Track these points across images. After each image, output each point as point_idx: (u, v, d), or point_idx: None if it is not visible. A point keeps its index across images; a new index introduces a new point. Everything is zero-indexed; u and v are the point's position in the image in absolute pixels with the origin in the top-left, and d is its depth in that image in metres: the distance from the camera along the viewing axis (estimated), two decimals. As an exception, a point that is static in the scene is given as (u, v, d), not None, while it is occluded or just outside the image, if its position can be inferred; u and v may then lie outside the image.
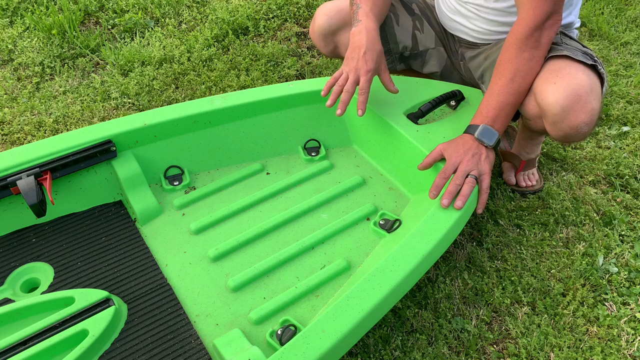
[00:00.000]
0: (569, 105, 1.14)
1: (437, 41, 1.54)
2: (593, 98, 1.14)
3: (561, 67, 1.17)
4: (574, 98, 1.13)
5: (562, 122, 1.17)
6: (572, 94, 1.13)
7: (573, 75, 1.15)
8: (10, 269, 1.11)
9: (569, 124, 1.16)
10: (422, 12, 1.54)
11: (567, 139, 1.21)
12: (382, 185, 1.36)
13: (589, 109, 1.14)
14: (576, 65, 1.17)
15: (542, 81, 1.18)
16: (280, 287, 1.12)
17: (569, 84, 1.14)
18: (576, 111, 1.14)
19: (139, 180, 1.25)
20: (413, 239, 1.06)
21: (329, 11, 1.47)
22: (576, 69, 1.16)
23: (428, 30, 1.53)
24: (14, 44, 2.12)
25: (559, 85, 1.14)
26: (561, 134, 1.20)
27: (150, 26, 2.27)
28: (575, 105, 1.13)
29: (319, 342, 0.89)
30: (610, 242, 1.43)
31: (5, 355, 0.93)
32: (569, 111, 1.14)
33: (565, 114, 1.15)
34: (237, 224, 1.25)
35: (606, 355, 1.19)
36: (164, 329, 1.03)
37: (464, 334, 1.23)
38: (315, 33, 1.52)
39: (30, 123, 1.77)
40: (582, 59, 1.18)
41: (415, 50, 1.54)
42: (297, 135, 1.44)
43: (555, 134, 1.21)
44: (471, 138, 1.21)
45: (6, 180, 1.12)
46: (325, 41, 1.51)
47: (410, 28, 1.52)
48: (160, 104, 1.88)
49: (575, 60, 1.18)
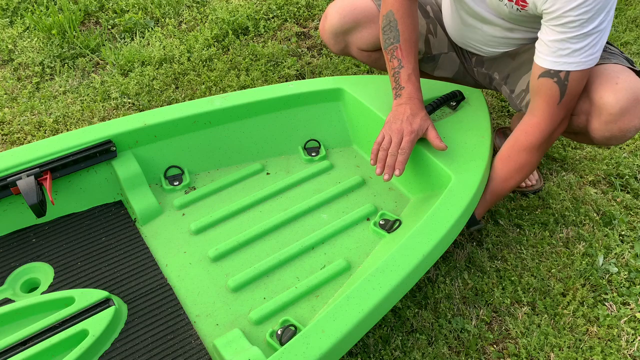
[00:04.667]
0: (628, 107, 1.14)
1: (450, 46, 1.51)
2: None
3: (619, 71, 1.17)
4: (634, 101, 1.14)
5: (615, 123, 1.17)
6: (633, 97, 1.14)
7: (633, 80, 1.16)
8: (10, 269, 1.11)
9: (621, 126, 1.17)
10: (435, 16, 1.50)
11: (609, 141, 1.22)
12: (382, 185, 1.36)
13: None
14: (631, 71, 1.18)
15: (602, 80, 1.17)
16: (280, 287, 1.12)
17: (631, 87, 1.14)
18: (632, 114, 1.15)
19: (139, 180, 1.25)
20: (413, 239, 1.06)
21: (342, 10, 1.44)
22: (633, 75, 1.17)
23: (441, 35, 1.50)
24: (14, 44, 2.12)
25: (621, 86, 1.14)
26: (607, 135, 1.20)
27: (150, 26, 2.27)
28: (633, 109, 1.14)
29: (319, 342, 0.89)
30: (610, 242, 1.43)
31: (5, 355, 0.93)
32: (625, 113, 1.15)
33: (621, 115, 1.15)
34: (237, 224, 1.25)
35: (606, 355, 1.19)
36: (164, 329, 1.03)
37: (464, 334, 1.23)
38: (326, 31, 1.49)
39: (30, 123, 1.77)
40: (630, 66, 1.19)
41: (428, 54, 1.51)
42: (297, 135, 1.44)
43: (600, 134, 1.21)
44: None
45: (6, 180, 1.12)
46: (335, 39, 1.49)
47: (424, 31, 1.49)
48: (160, 104, 1.88)
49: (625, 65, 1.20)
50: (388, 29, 1.30)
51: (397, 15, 1.28)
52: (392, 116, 1.26)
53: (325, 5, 2.40)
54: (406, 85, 1.27)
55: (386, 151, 1.23)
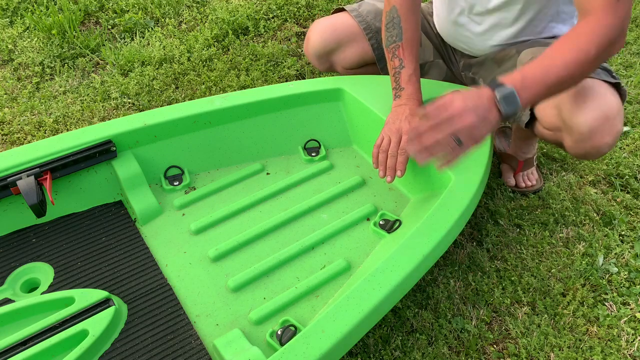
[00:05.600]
0: (597, 127, 1.11)
1: (436, 53, 1.51)
2: (619, 121, 1.13)
3: (590, 86, 1.13)
4: (602, 120, 1.11)
5: (586, 142, 1.14)
6: (601, 115, 1.10)
7: (602, 96, 1.12)
8: (10, 269, 1.11)
9: (593, 144, 1.14)
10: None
11: (585, 156, 1.20)
12: (382, 185, 1.36)
13: (615, 132, 1.13)
14: (604, 85, 1.14)
15: (571, 98, 1.13)
16: (280, 287, 1.12)
17: (599, 105, 1.11)
18: (602, 133, 1.12)
19: (139, 180, 1.25)
20: (413, 239, 1.06)
21: (323, 32, 1.44)
22: (605, 89, 1.13)
23: (426, 43, 1.50)
24: (14, 44, 2.12)
25: (589, 105, 1.11)
26: (581, 152, 1.18)
27: (150, 26, 2.27)
28: (602, 127, 1.11)
29: (319, 342, 0.89)
30: (610, 242, 1.43)
31: (5, 355, 0.93)
32: (595, 132, 1.12)
33: (591, 135, 1.12)
34: (237, 224, 1.25)
35: (606, 355, 1.19)
36: (164, 329, 1.03)
37: (464, 334, 1.23)
38: (309, 53, 1.49)
39: (30, 123, 1.77)
40: (606, 79, 1.16)
41: None
42: (297, 135, 1.44)
43: (574, 151, 1.19)
44: (490, 95, 0.97)
45: (6, 180, 1.12)
46: (320, 60, 1.50)
47: None
48: (160, 104, 1.88)
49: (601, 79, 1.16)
50: (391, 26, 1.29)
51: (400, 12, 1.27)
52: (391, 117, 1.26)
53: (326, 5, 2.40)
54: (406, 87, 1.26)
55: (386, 153, 1.23)
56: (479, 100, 0.97)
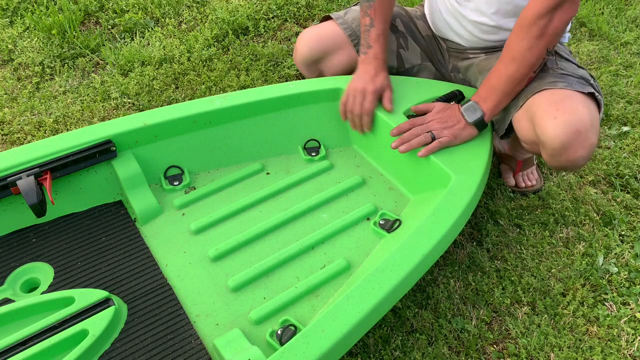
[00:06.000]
0: (568, 141, 1.11)
1: (423, 56, 1.53)
2: (592, 133, 1.12)
3: (561, 99, 1.14)
4: (574, 134, 1.10)
5: (560, 156, 1.15)
6: (572, 130, 1.10)
7: (574, 110, 1.11)
8: (10, 269, 1.11)
9: (567, 158, 1.14)
10: (406, 28, 1.51)
11: (562, 169, 1.21)
12: (382, 185, 1.36)
13: (588, 145, 1.12)
14: (577, 97, 1.14)
15: (542, 112, 1.14)
16: (280, 287, 1.12)
17: (570, 119, 1.10)
18: (575, 147, 1.12)
19: (139, 180, 1.25)
20: (413, 239, 1.06)
21: (309, 41, 1.46)
22: (577, 102, 1.13)
23: (413, 47, 1.51)
24: (14, 44, 2.12)
25: (559, 121, 1.11)
26: (557, 165, 1.19)
27: (150, 26, 2.27)
28: (574, 142, 1.11)
29: (319, 342, 0.89)
30: (610, 242, 1.43)
31: (5, 355, 0.93)
32: (568, 147, 1.12)
33: (564, 149, 1.12)
34: (237, 224, 1.25)
35: (606, 355, 1.19)
36: (164, 329, 1.03)
37: (464, 334, 1.23)
38: (298, 63, 1.51)
39: (30, 123, 1.77)
40: (579, 89, 1.15)
41: (401, 68, 1.53)
42: (297, 135, 1.44)
43: (551, 164, 1.20)
44: (457, 108, 1.28)
45: (6, 180, 1.12)
46: (309, 69, 1.51)
47: (394, 47, 1.50)
48: (160, 104, 1.88)
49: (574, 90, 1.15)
50: None
51: None
52: (357, 75, 1.35)
53: (326, 5, 2.40)
54: (374, 45, 1.35)
55: (352, 113, 1.36)
56: (450, 112, 1.29)
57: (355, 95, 1.33)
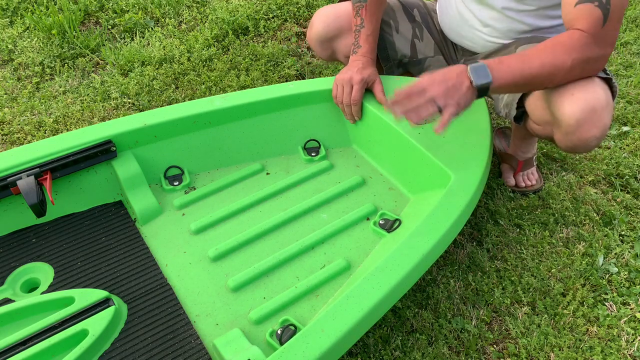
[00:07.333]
0: (584, 118, 1.12)
1: (437, 49, 1.53)
2: (607, 113, 1.13)
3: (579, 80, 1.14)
4: (590, 112, 1.11)
5: (574, 134, 1.15)
6: (588, 107, 1.11)
7: (591, 88, 1.12)
8: (10, 269, 1.11)
9: (580, 137, 1.15)
10: (423, 19, 1.52)
11: (574, 149, 1.21)
12: (382, 185, 1.36)
13: (602, 124, 1.13)
14: (595, 79, 1.15)
15: (560, 90, 1.15)
16: (280, 287, 1.12)
17: (587, 97, 1.11)
18: (589, 125, 1.13)
19: (139, 180, 1.25)
20: (413, 238, 1.06)
21: (326, 17, 1.47)
22: (594, 83, 1.13)
23: (427, 39, 1.52)
24: (14, 44, 2.12)
25: (577, 97, 1.12)
26: (569, 145, 1.19)
27: (150, 26, 2.27)
28: (590, 119, 1.12)
29: (319, 341, 0.89)
30: (610, 242, 1.43)
31: (5, 355, 0.93)
32: (582, 124, 1.13)
33: (578, 127, 1.13)
34: (237, 224, 1.25)
35: (606, 355, 1.19)
36: (164, 329, 1.03)
37: (464, 334, 1.23)
38: (312, 39, 1.51)
39: (30, 123, 1.77)
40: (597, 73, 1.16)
41: (414, 58, 1.53)
42: (297, 135, 1.44)
43: (563, 144, 1.20)
44: (462, 69, 1.08)
45: (6, 180, 1.12)
46: (322, 47, 1.51)
47: (409, 36, 1.51)
48: (160, 104, 1.88)
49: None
50: None
51: None
52: (345, 68, 1.39)
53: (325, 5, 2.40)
54: (363, 45, 1.39)
55: (341, 104, 1.40)
56: (449, 73, 1.08)
57: (343, 85, 1.37)
